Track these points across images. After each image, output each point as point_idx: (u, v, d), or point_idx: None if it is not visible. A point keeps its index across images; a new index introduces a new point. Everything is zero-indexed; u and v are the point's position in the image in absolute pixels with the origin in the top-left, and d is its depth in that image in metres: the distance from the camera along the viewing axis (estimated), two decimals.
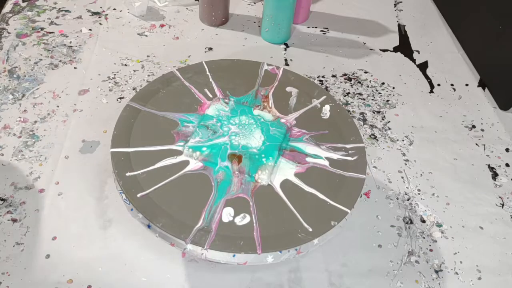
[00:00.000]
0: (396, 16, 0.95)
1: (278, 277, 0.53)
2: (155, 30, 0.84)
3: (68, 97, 0.70)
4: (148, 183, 0.48)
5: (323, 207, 0.49)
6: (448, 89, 0.80)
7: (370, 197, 0.62)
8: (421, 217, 0.61)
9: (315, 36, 0.87)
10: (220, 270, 0.53)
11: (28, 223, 0.55)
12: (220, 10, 0.84)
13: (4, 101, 0.68)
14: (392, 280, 0.54)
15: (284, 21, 0.81)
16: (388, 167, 0.66)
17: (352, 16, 0.93)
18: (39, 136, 0.64)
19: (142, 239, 0.54)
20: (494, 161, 0.69)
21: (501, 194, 0.65)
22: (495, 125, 0.75)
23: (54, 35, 0.80)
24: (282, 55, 0.82)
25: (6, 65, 0.73)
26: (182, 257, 0.54)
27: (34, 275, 0.51)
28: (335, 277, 0.54)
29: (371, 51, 0.85)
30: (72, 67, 0.75)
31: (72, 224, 0.55)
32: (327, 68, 0.81)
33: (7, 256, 0.52)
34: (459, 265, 0.57)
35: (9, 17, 0.82)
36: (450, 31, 0.92)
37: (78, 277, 0.51)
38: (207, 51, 0.81)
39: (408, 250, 0.57)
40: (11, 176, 0.59)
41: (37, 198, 0.57)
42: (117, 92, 0.71)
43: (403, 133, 0.72)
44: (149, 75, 0.75)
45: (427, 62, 0.85)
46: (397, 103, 0.76)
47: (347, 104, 0.74)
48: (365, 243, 0.57)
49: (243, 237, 0.45)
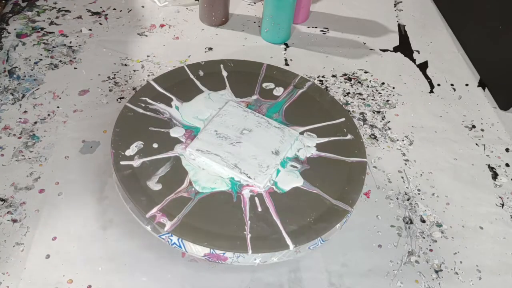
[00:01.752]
0: (396, 16, 0.95)
1: (278, 277, 0.53)
2: (155, 30, 0.84)
3: (68, 97, 0.70)
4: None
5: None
6: (448, 89, 0.80)
7: (370, 197, 0.62)
8: (421, 217, 0.61)
9: (315, 36, 0.87)
10: (220, 270, 0.53)
11: (28, 223, 0.55)
12: (220, 10, 0.84)
13: (4, 102, 0.68)
14: (392, 280, 0.54)
15: (284, 21, 0.81)
16: (388, 167, 0.66)
17: (352, 16, 0.93)
18: (39, 137, 0.64)
19: (142, 239, 0.54)
20: (494, 161, 0.69)
21: (501, 194, 0.65)
22: (495, 125, 0.75)
23: (54, 35, 0.80)
24: (282, 55, 0.82)
25: (6, 65, 0.73)
26: (182, 257, 0.54)
27: (34, 275, 0.51)
28: (335, 277, 0.54)
29: (371, 51, 0.85)
30: (72, 67, 0.74)
31: (72, 224, 0.55)
32: (327, 68, 0.81)
33: (7, 256, 0.52)
34: (459, 265, 0.57)
35: (9, 17, 0.82)
36: (450, 31, 0.92)
37: (78, 277, 0.51)
38: (207, 51, 0.81)
39: (408, 250, 0.57)
40: (11, 176, 0.59)
41: (37, 199, 0.57)
42: (117, 92, 0.71)
43: (403, 133, 0.72)
44: (149, 75, 0.75)
45: (427, 62, 0.85)
46: (397, 103, 0.76)
47: (347, 104, 0.74)
48: (365, 243, 0.57)
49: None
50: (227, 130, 0.56)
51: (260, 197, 0.50)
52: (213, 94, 0.61)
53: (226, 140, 0.54)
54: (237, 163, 0.52)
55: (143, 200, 0.48)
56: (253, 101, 0.61)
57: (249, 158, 0.53)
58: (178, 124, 0.57)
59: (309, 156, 0.55)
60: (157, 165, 0.52)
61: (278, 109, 0.60)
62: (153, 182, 0.50)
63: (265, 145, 0.54)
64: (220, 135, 0.55)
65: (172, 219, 0.47)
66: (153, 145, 0.54)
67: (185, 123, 0.57)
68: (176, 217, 0.47)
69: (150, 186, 0.50)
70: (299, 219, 0.49)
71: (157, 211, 0.47)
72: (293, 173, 0.53)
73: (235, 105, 0.59)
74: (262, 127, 0.56)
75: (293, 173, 0.53)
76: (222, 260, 0.46)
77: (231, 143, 0.54)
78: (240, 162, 0.52)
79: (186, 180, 0.51)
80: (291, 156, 0.55)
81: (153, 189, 0.49)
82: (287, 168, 0.53)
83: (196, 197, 0.49)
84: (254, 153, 0.53)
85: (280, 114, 0.59)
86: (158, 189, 0.50)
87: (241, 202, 0.50)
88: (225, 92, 0.61)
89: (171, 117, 0.57)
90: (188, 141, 0.55)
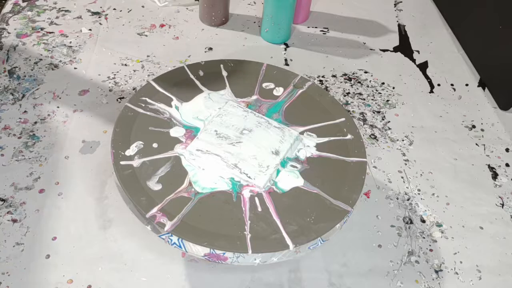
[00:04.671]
0: (396, 16, 0.95)
1: (278, 277, 0.53)
2: (155, 30, 0.84)
3: (68, 97, 0.70)
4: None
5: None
6: (448, 89, 0.80)
7: (370, 197, 0.62)
8: (421, 217, 0.61)
9: (315, 36, 0.87)
10: (220, 270, 0.53)
11: (28, 223, 0.55)
12: (220, 10, 0.84)
13: (4, 102, 0.68)
14: (392, 280, 0.54)
15: (284, 21, 0.81)
16: (388, 167, 0.66)
17: (352, 16, 0.93)
18: (39, 137, 0.64)
19: (142, 239, 0.54)
20: (494, 161, 0.69)
21: (501, 194, 0.65)
22: (495, 125, 0.75)
23: (54, 35, 0.80)
24: (282, 55, 0.82)
25: (6, 65, 0.73)
26: (182, 257, 0.54)
27: (34, 275, 0.51)
28: (335, 277, 0.54)
29: (371, 51, 0.85)
30: (72, 67, 0.74)
31: (72, 224, 0.55)
32: (327, 68, 0.81)
33: (7, 256, 0.52)
34: (459, 265, 0.57)
35: (9, 17, 0.82)
36: (450, 31, 0.92)
37: (78, 277, 0.51)
38: (207, 51, 0.81)
39: (408, 250, 0.57)
40: (11, 176, 0.59)
41: (37, 198, 0.57)
42: (117, 92, 0.71)
43: (403, 133, 0.72)
44: (149, 75, 0.75)
45: (427, 62, 0.85)
46: (397, 103, 0.76)
47: (347, 104, 0.74)
48: (365, 243, 0.57)
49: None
50: (227, 130, 0.56)
51: (260, 197, 0.50)
52: (213, 94, 0.61)
53: (226, 140, 0.54)
54: (237, 163, 0.52)
55: (143, 200, 0.48)
56: (253, 101, 0.61)
57: (249, 158, 0.53)
58: (178, 124, 0.57)
59: (309, 156, 0.55)
60: (157, 165, 0.52)
61: (278, 109, 0.60)
62: (153, 182, 0.50)
63: (265, 145, 0.54)
64: (220, 135, 0.55)
65: (172, 219, 0.47)
66: (153, 145, 0.54)
67: (185, 123, 0.57)
68: (176, 217, 0.47)
69: (150, 186, 0.50)
70: (299, 219, 0.49)
71: (157, 211, 0.47)
72: (293, 173, 0.53)
73: (235, 105, 0.59)
74: (262, 127, 0.56)
75: (293, 173, 0.53)
76: (222, 260, 0.46)
77: (231, 143, 0.54)
78: (240, 162, 0.52)
79: (186, 180, 0.51)
80: (291, 156, 0.55)
81: (153, 189, 0.49)
82: (287, 168, 0.53)
83: (196, 197, 0.49)
84: (254, 153, 0.53)
85: (280, 114, 0.59)
86: (158, 189, 0.50)
87: (241, 202, 0.50)
88: (225, 92, 0.61)
89: (171, 117, 0.57)
90: (188, 141, 0.55)
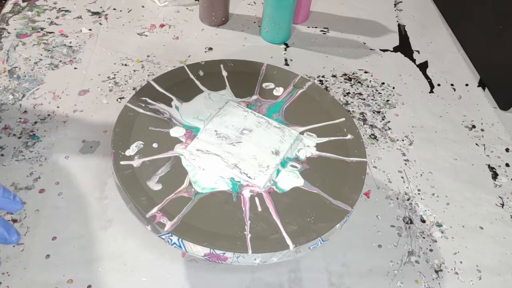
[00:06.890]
0: (396, 16, 0.95)
1: (278, 277, 0.53)
2: (155, 30, 0.84)
3: (68, 97, 0.70)
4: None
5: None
6: (448, 89, 0.80)
7: (370, 197, 0.62)
8: (421, 217, 0.61)
9: (315, 36, 0.87)
10: (220, 270, 0.53)
11: (28, 223, 0.55)
12: (220, 10, 0.84)
13: (4, 102, 0.68)
14: (392, 280, 0.54)
15: (284, 21, 0.81)
16: (388, 167, 0.66)
17: (352, 16, 0.93)
18: (39, 137, 0.64)
19: (142, 239, 0.54)
20: (494, 161, 0.69)
21: (501, 194, 0.65)
22: (495, 125, 0.75)
23: (54, 35, 0.80)
24: (282, 55, 0.82)
25: (6, 65, 0.73)
26: (182, 257, 0.54)
27: (34, 275, 0.51)
28: (335, 277, 0.54)
29: (371, 51, 0.85)
30: (72, 67, 0.74)
31: (72, 224, 0.55)
32: (327, 68, 0.81)
33: (7, 256, 0.52)
34: (459, 265, 0.57)
35: (9, 17, 0.82)
36: (450, 31, 0.92)
37: (78, 277, 0.51)
38: (207, 51, 0.81)
39: (408, 250, 0.57)
40: (11, 176, 0.59)
41: (37, 198, 0.57)
42: (117, 92, 0.71)
43: (403, 133, 0.72)
44: (149, 75, 0.75)
45: (427, 62, 0.85)
46: (397, 103, 0.76)
47: (347, 104, 0.74)
48: (365, 243, 0.57)
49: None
50: (227, 130, 0.56)
51: (260, 197, 0.50)
52: (213, 94, 0.61)
53: (226, 140, 0.54)
54: (237, 163, 0.52)
55: (143, 200, 0.48)
56: (253, 101, 0.61)
57: (249, 158, 0.53)
58: (178, 124, 0.57)
59: (309, 156, 0.55)
60: (157, 165, 0.52)
61: (278, 109, 0.60)
62: (153, 182, 0.50)
63: (265, 145, 0.54)
64: (220, 135, 0.55)
65: (172, 219, 0.47)
66: (153, 145, 0.54)
67: (185, 123, 0.57)
68: (176, 217, 0.47)
69: (150, 186, 0.50)
70: (299, 219, 0.49)
71: (157, 211, 0.47)
72: (293, 173, 0.53)
73: (235, 105, 0.59)
74: (262, 127, 0.56)
75: (293, 173, 0.53)
76: (222, 260, 0.46)
77: (231, 143, 0.54)
78: (240, 162, 0.52)
79: (186, 180, 0.51)
80: (291, 156, 0.55)
81: (153, 189, 0.49)
82: (287, 168, 0.53)
83: (196, 197, 0.49)
84: (254, 153, 0.53)
85: (280, 114, 0.60)
86: (158, 189, 0.50)
87: (241, 202, 0.50)
88: (225, 92, 0.62)
89: (171, 117, 0.57)
90: (188, 141, 0.55)
